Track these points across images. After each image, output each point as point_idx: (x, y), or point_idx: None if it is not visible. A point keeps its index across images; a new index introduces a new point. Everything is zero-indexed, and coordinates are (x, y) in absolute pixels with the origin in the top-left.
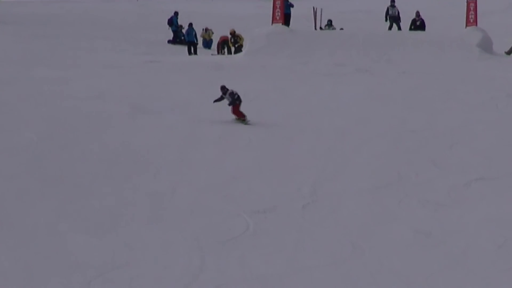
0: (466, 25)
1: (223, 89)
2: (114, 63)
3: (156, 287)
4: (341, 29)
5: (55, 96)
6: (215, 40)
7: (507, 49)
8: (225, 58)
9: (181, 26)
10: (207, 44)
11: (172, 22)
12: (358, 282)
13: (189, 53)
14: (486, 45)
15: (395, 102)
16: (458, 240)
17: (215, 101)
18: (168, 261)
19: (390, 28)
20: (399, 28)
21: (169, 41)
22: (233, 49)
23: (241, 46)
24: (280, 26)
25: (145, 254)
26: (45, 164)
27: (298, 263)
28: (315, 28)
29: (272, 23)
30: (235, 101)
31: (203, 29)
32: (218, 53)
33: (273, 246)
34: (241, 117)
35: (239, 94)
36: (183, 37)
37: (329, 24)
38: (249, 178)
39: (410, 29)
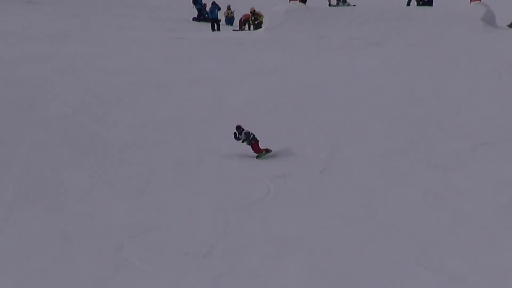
0: (471, 0)
1: (239, 129)
2: (143, 40)
3: (184, 247)
4: (354, 5)
5: (87, 71)
6: (237, 18)
7: (509, 22)
8: (246, 34)
9: (205, 4)
10: (230, 21)
11: (197, 0)
12: (372, 241)
13: (213, 29)
14: (489, 19)
15: (405, 72)
16: (465, 201)
17: (235, 138)
18: (194, 224)
19: (408, 3)
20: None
21: (193, 19)
22: (252, 27)
23: (261, 23)
24: (297, 3)
25: (173, 217)
26: (79, 134)
27: (316, 224)
28: (329, 5)
29: (290, 0)
30: (250, 140)
31: (226, 7)
32: (240, 29)
33: (293, 209)
34: (261, 152)
35: (254, 134)
36: (207, 14)
37: (343, 0)
38: (270, 145)
39: (418, 4)
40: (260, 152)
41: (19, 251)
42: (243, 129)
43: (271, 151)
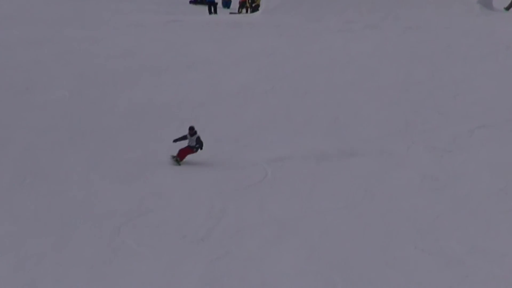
0: None
1: (191, 130)
2: (139, 23)
3: (181, 231)
4: None
5: (84, 55)
6: (234, 0)
7: (506, 5)
8: (243, 17)
9: None
10: (227, 3)
11: None
12: (369, 224)
13: (210, 12)
14: (486, 2)
15: (402, 56)
16: (463, 184)
17: (176, 140)
18: (192, 207)
19: None
20: None
21: (190, 2)
22: (249, 10)
23: (258, 5)
24: None
25: (170, 201)
26: (76, 118)
27: (313, 207)
28: None
29: None
30: (197, 147)
31: None
32: (239, 12)
33: (290, 192)
34: (180, 158)
35: (202, 144)
36: None
37: None
38: (266, 128)
39: None
40: (182, 159)
41: (17, 235)
42: (195, 132)
43: (179, 164)
